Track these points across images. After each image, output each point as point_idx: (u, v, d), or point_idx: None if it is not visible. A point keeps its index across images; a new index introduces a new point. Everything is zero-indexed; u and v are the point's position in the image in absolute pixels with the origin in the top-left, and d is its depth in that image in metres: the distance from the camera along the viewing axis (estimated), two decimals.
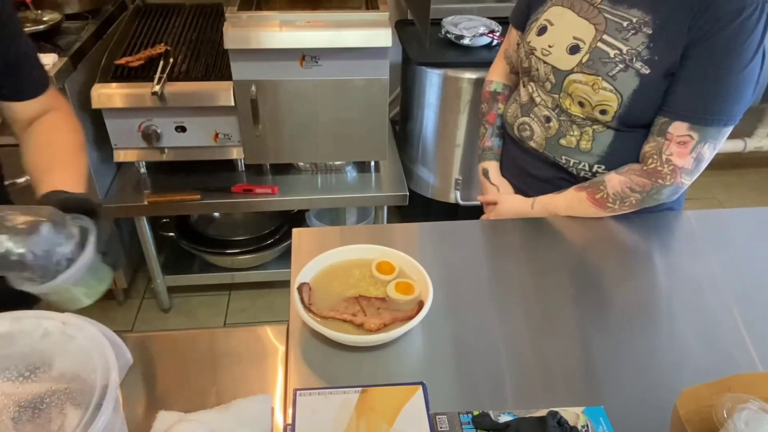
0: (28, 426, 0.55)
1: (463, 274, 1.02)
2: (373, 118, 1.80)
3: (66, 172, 0.88)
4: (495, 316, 0.93)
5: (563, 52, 1.11)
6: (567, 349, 0.88)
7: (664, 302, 0.98)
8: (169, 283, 2.15)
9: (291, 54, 1.64)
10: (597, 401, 0.78)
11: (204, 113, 1.77)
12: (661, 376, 0.84)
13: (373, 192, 1.96)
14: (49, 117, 0.95)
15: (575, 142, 1.15)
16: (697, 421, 0.64)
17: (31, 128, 0.93)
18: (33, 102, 0.93)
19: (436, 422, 0.74)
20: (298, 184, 1.96)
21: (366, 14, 1.68)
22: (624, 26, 1.05)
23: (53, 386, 0.57)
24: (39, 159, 0.90)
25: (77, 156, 0.92)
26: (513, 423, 0.73)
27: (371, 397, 0.76)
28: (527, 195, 1.25)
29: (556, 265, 1.05)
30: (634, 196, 1.10)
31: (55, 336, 0.59)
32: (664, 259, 1.09)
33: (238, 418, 0.75)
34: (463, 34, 2.05)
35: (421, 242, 1.11)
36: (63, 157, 0.91)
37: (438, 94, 2.05)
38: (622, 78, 1.04)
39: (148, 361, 0.85)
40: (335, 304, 0.89)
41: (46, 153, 0.91)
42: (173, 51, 1.85)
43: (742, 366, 0.86)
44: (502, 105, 1.34)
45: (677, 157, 1.05)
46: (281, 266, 2.22)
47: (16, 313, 0.60)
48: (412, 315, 0.85)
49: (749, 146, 2.86)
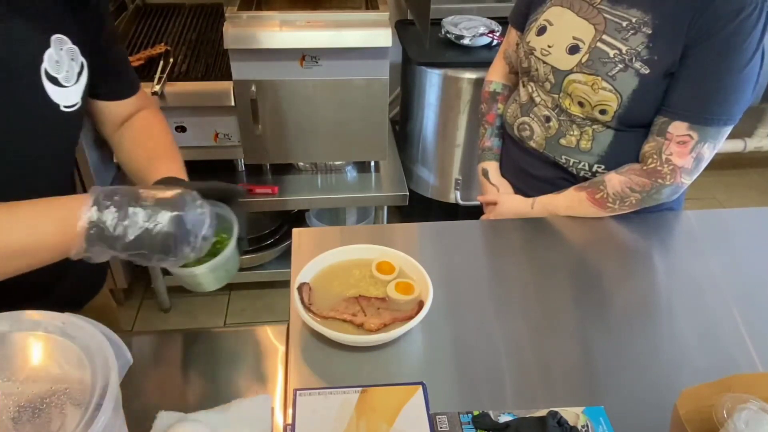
0: (28, 426, 0.55)
1: (463, 274, 1.02)
2: (373, 118, 1.80)
3: (172, 162, 0.91)
4: (495, 316, 0.93)
5: (563, 52, 1.11)
6: (567, 349, 0.88)
7: (664, 302, 0.98)
8: (169, 283, 2.15)
9: (291, 54, 1.64)
10: (597, 401, 0.78)
11: (204, 113, 1.77)
12: (661, 376, 0.84)
13: (373, 192, 1.96)
14: (144, 114, 0.98)
15: (575, 141, 1.15)
16: (697, 421, 0.64)
17: (128, 125, 0.96)
18: (128, 101, 0.97)
19: (436, 422, 0.74)
20: (298, 184, 1.96)
21: (366, 14, 1.68)
22: (623, 26, 1.05)
23: (53, 386, 0.57)
24: (142, 151, 0.93)
25: (176, 149, 0.95)
26: (513, 423, 0.73)
27: (371, 397, 0.76)
28: (527, 195, 1.25)
29: (556, 265, 1.05)
30: (634, 196, 1.10)
31: (55, 336, 0.59)
32: (664, 259, 1.09)
33: (238, 418, 0.75)
34: (463, 34, 2.05)
35: (421, 242, 1.11)
36: (165, 150, 0.94)
37: (438, 94, 2.05)
38: (622, 78, 1.04)
39: (148, 361, 0.86)
40: (335, 304, 0.89)
41: (149, 146, 0.94)
42: (173, 51, 1.85)
43: (742, 366, 0.86)
44: (502, 105, 1.34)
45: (677, 157, 1.05)
46: (281, 266, 2.22)
47: (16, 313, 0.60)
48: (412, 315, 0.85)
49: (749, 146, 2.86)
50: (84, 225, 0.64)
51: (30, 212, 0.66)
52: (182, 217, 0.67)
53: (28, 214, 0.66)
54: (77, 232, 0.64)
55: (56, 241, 0.65)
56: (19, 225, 0.65)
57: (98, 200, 0.65)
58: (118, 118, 0.96)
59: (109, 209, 0.65)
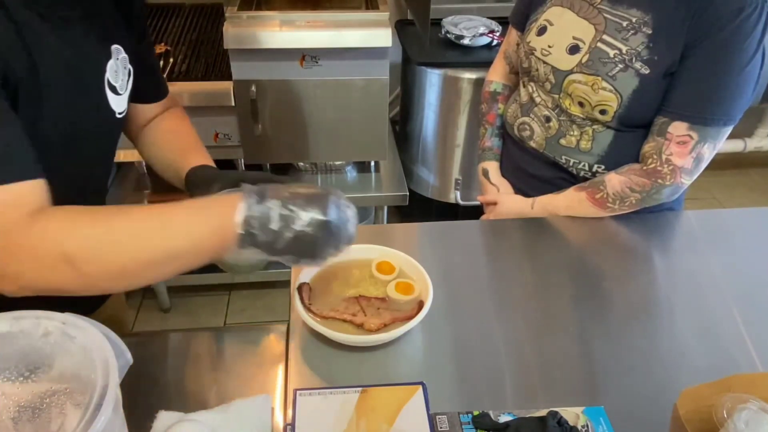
0: (28, 426, 0.55)
1: (463, 274, 1.02)
2: (373, 118, 1.80)
3: (202, 154, 0.95)
4: (495, 316, 0.93)
5: (563, 52, 1.11)
6: (567, 349, 0.88)
7: (664, 302, 0.98)
8: (169, 283, 2.15)
9: (291, 54, 1.64)
10: (597, 401, 0.78)
11: (204, 113, 1.77)
12: (661, 376, 0.84)
13: (373, 192, 1.96)
14: (171, 113, 1.02)
15: (575, 142, 1.15)
16: (697, 421, 0.64)
17: (156, 123, 1.00)
18: (159, 103, 1.01)
19: (436, 422, 0.74)
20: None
21: (366, 14, 1.68)
22: (623, 26, 1.05)
23: (53, 386, 0.57)
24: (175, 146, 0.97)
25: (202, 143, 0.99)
26: (513, 423, 0.73)
27: (371, 397, 0.76)
28: (527, 195, 1.25)
29: (556, 265, 1.05)
30: (633, 196, 1.10)
31: (55, 336, 0.58)
32: (664, 259, 1.09)
33: (238, 418, 0.75)
34: (463, 34, 2.05)
35: (421, 242, 1.11)
36: (196, 144, 0.98)
37: (438, 94, 2.05)
38: (622, 78, 1.04)
39: (148, 361, 0.85)
40: (335, 304, 0.89)
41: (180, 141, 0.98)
42: (173, 51, 1.85)
43: (742, 366, 0.86)
44: (502, 105, 1.34)
45: (677, 157, 1.05)
46: (281, 266, 2.20)
47: (16, 313, 0.60)
48: (412, 315, 0.85)
49: (749, 146, 2.85)
50: (239, 227, 0.65)
51: (186, 217, 0.67)
52: (329, 221, 0.68)
53: (185, 219, 0.67)
54: (232, 236, 0.65)
55: (212, 244, 0.67)
56: (178, 229, 0.66)
57: (250, 202, 0.66)
58: (144, 119, 0.99)
59: (262, 213, 0.66)
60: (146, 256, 0.65)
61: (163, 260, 0.66)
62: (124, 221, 0.66)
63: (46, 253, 0.62)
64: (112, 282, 0.67)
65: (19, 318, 0.60)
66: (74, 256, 0.61)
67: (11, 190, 0.62)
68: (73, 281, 0.63)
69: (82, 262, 0.62)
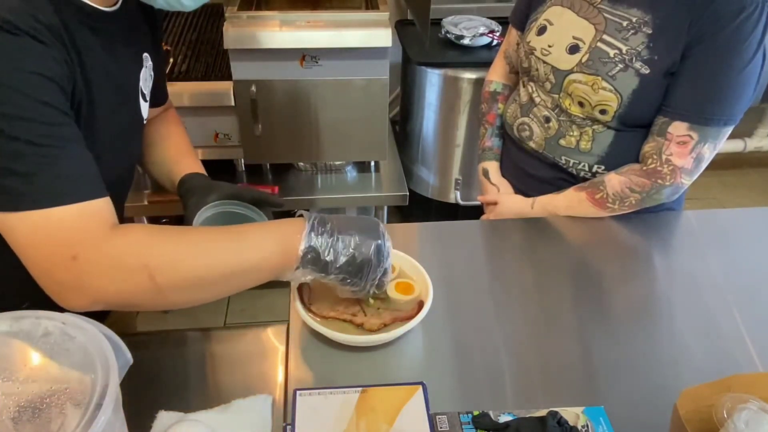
0: (28, 426, 0.55)
1: (463, 274, 1.02)
2: (373, 118, 1.80)
3: (193, 159, 1.01)
4: (495, 316, 0.93)
5: (563, 52, 1.11)
6: (567, 349, 0.88)
7: (664, 302, 0.98)
8: None
9: (291, 54, 1.64)
10: (597, 401, 0.78)
11: (204, 113, 1.77)
12: (661, 376, 0.84)
13: (373, 192, 1.96)
14: (167, 116, 1.07)
15: (575, 142, 1.15)
16: (697, 421, 0.64)
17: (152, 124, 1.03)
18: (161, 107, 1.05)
19: (436, 422, 0.74)
20: (298, 184, 1.96)
21: (366, 14, 1.68)
22: (624, 26, 1.05)
23: (53, 386, 0.57)
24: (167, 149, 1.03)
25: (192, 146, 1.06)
26: (513, 423, 0.73)
27: (371, 397, 0.76)
28: (527, 195, 1.25)
29: (556, 265, 1.05)
30: (633, 196, 1.10)
31: (55, 336, 0.58)
32: (664, 259, 1.09)
33: (238, 418, 0.75)
34: (463, 34, 2.05)
35: (421, 242, 1.11)
36: (187, 148, 1.04)
37: (438, 94, 2.05)
38: (622, 78, 1.04)
39: (148, 361, 0.85)
40: (335, 304, 0.89)
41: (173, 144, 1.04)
42: (173, 51, 1.85)
43: (742, 366, 0.86)
44: (502, 105, 1.34)
45: (677, 157, 1.05)
46: None
47: (16, 313, 0.60)
48: (412, 315, 0.85)
49: (749, 146, 2.85)
50: (303, 249, 0.72)
51: (256, 234, 0.74)
52: (381, 246, 0.76)
53: (256, 236, 0.73)
54: (297, 255, 0.72)
55: (277, 261, 0.72)
56: (250, 245, 0.72)
57: (314, 226, 0.73)
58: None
59: (322, 236, 0.73)
60: (221, 268, 0.69)
61: (235, 273, 0.70)
62: (199, 236, 0.71)
63: (127, 263, 0.65)
64: (184, 294, 0.71)
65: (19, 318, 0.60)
66: (154, 267, 0.65)
67: (93, 205, 0.66)
68: (147, 292, 0.66)
69: (161, 273, 0.65)
